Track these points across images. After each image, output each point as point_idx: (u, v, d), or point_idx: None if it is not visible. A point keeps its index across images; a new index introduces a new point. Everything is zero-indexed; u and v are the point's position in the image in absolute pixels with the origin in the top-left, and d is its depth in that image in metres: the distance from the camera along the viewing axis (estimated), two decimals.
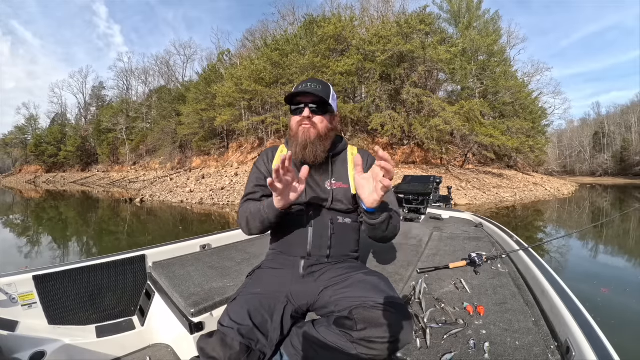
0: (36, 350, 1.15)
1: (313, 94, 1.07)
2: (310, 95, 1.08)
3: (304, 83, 1.11)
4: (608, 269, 4.75)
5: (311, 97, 1.09)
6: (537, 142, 21.12)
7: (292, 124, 1.13)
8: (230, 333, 0.83)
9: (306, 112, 1.08)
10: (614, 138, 48.21)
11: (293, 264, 1.09)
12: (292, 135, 1.14)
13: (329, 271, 1.06)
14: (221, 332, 0.85)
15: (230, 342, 0.81)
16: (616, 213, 10.80)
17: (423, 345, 0.97)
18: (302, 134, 1.09)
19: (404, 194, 3.20)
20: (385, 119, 17.74)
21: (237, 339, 0.82)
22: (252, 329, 0.86)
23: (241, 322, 0.86)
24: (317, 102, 1.10)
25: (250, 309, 0.91)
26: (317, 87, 1.09)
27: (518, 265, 1.63)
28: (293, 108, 1.12)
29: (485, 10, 24.47)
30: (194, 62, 65.62)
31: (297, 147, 1.09)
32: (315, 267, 1.07)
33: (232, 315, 0.89)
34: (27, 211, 12.80)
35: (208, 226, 8.75)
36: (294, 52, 21.19)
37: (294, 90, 1.09)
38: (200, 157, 28.04)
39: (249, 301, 0.95)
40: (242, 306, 0.92)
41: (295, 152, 1.09)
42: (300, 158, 1.10)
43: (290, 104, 1.13)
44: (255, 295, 0.98)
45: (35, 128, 52.36)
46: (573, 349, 0.86)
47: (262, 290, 1.01)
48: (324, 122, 1.12)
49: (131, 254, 1.58)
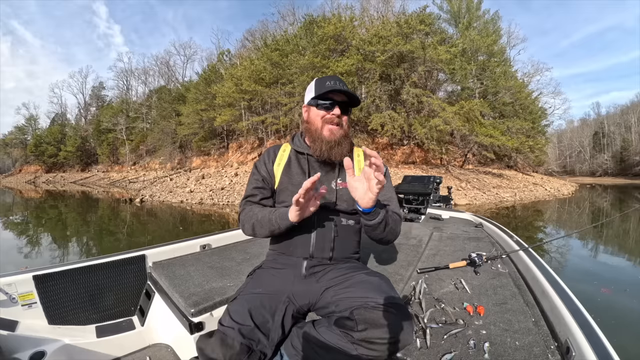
0: (36, 350, 1.14)
1: (345, 93, 1.06)
2: (342, 93, 1.07)
3: (332, 80, 1.09)
4: (608, 269, 4.75)
5: (342, 96, 1.08)
6: (536, 142, 21.11)
7: (315, 118, 1.10)
8: (230, 333, 0.82)
9: (337, 110, 1.08)
10: (614, 138, 48.24)
11: (295, 264, 1.08)
12: (312, 130, 1.11)
13: (331, 271, 1.06)
14: (221, 332, 0.84)
15: (231, 342, 0.81)
16: (616, 213, 10.80)
17: (423, 345, 0.97)
18: (330, 133, 1.08)
19: (404, 194, 3.21)
20: (385, 119, 17.75)
21: (238, 339, 0.81)
22: (253, 329, 0.85)
23: (242, 322, 0.86)
24: (346, 101, 1.10)
25: (251, 309, 0.90)
26: (345, 87, 1.09)
27: (518, 265, 1.63)
28: (319, 102, 1.09)
29: (485, 10, 24.53)
30: (193, 62, 65.80)
31: (324, 146, 1.07)
32: (318, 267, 1.07)
33: (232, 315, 0.88)
34: (27, 211, 12.80)
35: (208, 226, 8.75)
36: (294, 52, 21.21)
37: (327, 87, 1.06)
38: (200, 157, 28.04)
39: (250, 300, 0.94)
40: (242, 305, 0.91)
41: (320, 150, 1.08)
42: (325, 157, 1.08)
43: (317, 98, 1.09)
44: (256, 295, 0.97)
45: (35, 128, 52.40)
46: (573, 349, 0.86)
47: (263, 289, 1.00)
48: (347, 122, 1.13)
49: (131, 254, 1.58)
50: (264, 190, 1.16)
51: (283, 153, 1.19)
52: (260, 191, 1.16)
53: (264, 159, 1.20)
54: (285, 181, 1.13)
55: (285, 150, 1.19)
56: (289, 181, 1.13)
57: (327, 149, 1.07)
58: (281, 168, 1.15)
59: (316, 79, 1.14)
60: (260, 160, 1.21)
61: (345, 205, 1.11)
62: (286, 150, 1.19)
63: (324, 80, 1.11)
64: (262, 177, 1.17)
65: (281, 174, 1.15)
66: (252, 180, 1.19)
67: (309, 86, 1.16)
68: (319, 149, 1.08)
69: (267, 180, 1.17)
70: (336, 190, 1.11)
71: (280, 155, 1.18)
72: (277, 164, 1.17)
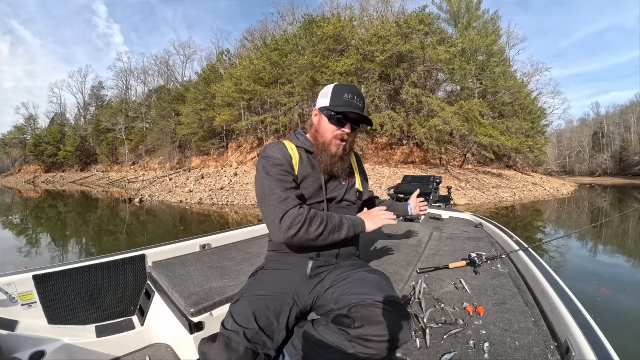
0: (36, 349, 1.14)
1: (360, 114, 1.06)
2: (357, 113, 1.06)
3: (351, 94, 1.07)
4: (608, 269, 4.75)
5: (357, 115, 1.07)
6: (536, 142, 21.15)
7: (326, 131, 1.09)
8: (235, 337, 0.81)
9: (348, 129, 1.08)
10: (613, 138, 48.28)
11: (301, 264, 1.07)
12: (321, 141, 1.10)
13: (335, 270, 1.06)
14: (225, 336, 0.83)
15: (236, 346, 0.80)
16: (615, 213, 10.82)
17: (423, 345, 0.97)
18: (336, 149, 1.08)
19: (404, 194, 3.21)
20: (385, 119, 17.77)
21: (243, 343, 0.80)
22: (257, 332, 0.84)
23: (246, 325, 0.85)
24: (360, 121, 1.10)
25: (255, 311, 0.89)
26: (362, 105, 1.09)
27: (518, 265, 1.63)
28: (332, 114, 1.06)
29: (485, 10, 24.57)
30: (193, 62, 65.33)
31: (329, 160, 1.08)
32: (323, 267, 1.07)
33: (236, 318, 0.87)
34: (27, 211, 12.78)
35: (207, 226, 8.74)
36: (294, 52, 21.19)
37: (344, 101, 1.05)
38: (200, 157, 28.03)
39: (253, 303, 0.93)
40: (246, 308, 0.90)
41: (325, 164, 1.09)
42: (328, 170, 1.10)
43: (332, 110, 1.06)
44: (260, 297, 0.96)
45: (35, 128, 52.35)
46: (573, 349, 0.86)
47: (267, 292, 0.99)
48: (354, 138, 1.14)
49: (131, 254, 1.58)
50: (296, 190, 1.05)
51: (292, 152, 1.11)
52: (294, 191, 1.04)
53: (281, 155, 1.07)
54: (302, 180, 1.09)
55: (293, 149, 1.12)
56: (305, 179, 1.09)
57: (331, 163, 1.09)
58: (297, 167, 1.09)
59: (335, 85, 1.11)
60: (276, 158, 1.06)
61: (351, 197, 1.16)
62: (294, 149, 1.12)
63: (342, 90, 1.08)
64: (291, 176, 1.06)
65: (298, 172, 1.09)
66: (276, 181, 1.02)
67: (325, 89, 1.12)
68: (323, 162, 1.09)
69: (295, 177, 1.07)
70: (345, 185, 1.14)
71: (292, 153, 1.11)
72: (295, 163, 1.09)
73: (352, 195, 1.19)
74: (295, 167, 1.08)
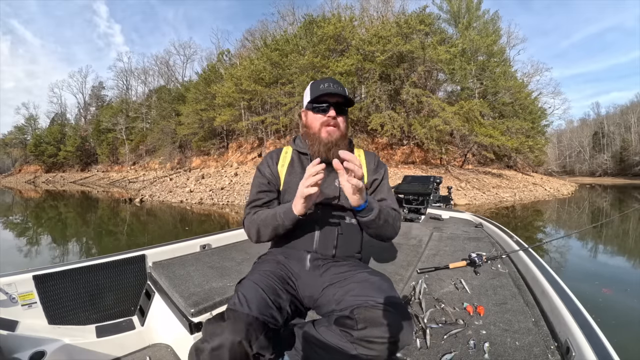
0: (36, 350, 1.14)
1: (338, 94, 1.08)
2: (335, 95, 1.08)
3: (326, 82, 1.11)
4: (608, 269, 4.75)
5: (336, 97, 1.09)
6: (536, 142, 21.13)
7: (313, 122, 1.13)
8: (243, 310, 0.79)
9: (332, 112, 1.09)
10: (614, 138, 48.28)
11: (299, 257, 1.08)
12: (311, 133, 1.13)
13: (334, 267, 1.05)
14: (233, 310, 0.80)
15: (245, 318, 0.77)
16: (616, 213, 10.81)
17: (423, 345, 0.97)
18: (327, 135, 1.10)
19: (404, 194, 3.20)
20: (385, 119, 17.76)
21: (253, 314, 0.78)
22: (266, 305, 0.84)
23: (254, 299, 0.84)
24: (341, 102, 1.11)
25: (262, 286, 0.90)
26: (340, 88, 1.10)
27: (518, 265, 1.63)
28: (315, 106, 1.12)
29: (485, 10, 24.52)
30: (193, 62, 65.51)
31: (321, 147, 1.09)
32: (320, 261, 1.07)
33: (244, 292, 0.86)
34: (27, 211, 12.79)
35: (208, 226, 8.75)
36: (294, 52, 21.20)
37: (321, 90, 1.09)
38: (200, 157, 28.03)
39: (259, 280, 0.93)
40: (253, 284, 0.91)
41: (318, 152, 1.09)
42: (323, 158, 1.08)
43: (312, 102, 1.12)
44: (266, 272, 0.98)
45: (35, 128, 52.34)
46: (573, 349, 0.86)
47: (272, 270, 1.01)
48: (344, 122, 1.14)
49: (131, 254, 1.58)
50: (269, 193, 1.16)
51: (285, 154, 1.20)
52: (266, 194, 1.15)
53: (266, 161, 1.20)
54: (289, 181, 1.15)
55: (287, 152, 1.21)
56: (293, 181, 1.13)
57: (325, 150, 1.09)
58: (285, 169, 1.17)
59: (311, 83, 1.16)
60: (263, 162, 1.21)
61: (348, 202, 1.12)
62: (288, 152, 1.21)
63: (318, 83, 1.13)
64: (267, 179, 1.17)
65: (285, 174, 1.16)
66: (256, 184, 1.18)
67: (305, 90, 1.18)
68: (317, 150, 1.10)
69: (272, 181, 1.17)
70: (339, 188, 1.12)
71: (283, 156, 1.20)
72: (281, 165, 1.18)
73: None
74: (282, 168, 1.16)
